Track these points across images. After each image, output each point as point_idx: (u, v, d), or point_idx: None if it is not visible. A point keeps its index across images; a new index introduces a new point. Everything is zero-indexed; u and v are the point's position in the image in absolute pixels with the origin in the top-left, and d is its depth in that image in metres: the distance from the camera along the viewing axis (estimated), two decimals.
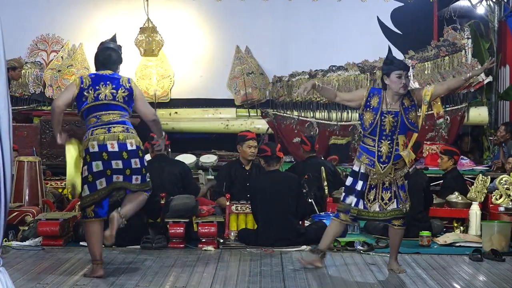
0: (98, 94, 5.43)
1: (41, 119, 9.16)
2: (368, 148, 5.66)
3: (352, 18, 10.73)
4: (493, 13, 10.61)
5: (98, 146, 5.36)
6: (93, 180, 5.39)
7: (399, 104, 5.63)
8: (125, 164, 5.39)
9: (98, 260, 5.42)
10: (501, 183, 7.66)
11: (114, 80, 5.49)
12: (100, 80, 5.48)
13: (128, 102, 5.50)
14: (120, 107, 5.47)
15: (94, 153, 5.37)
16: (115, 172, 5.39)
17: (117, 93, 5.45)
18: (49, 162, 8.91)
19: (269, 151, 6.99)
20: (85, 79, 5.51)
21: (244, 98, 10.59)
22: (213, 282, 5.32)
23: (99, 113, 5.45)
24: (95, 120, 5.45)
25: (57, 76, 10.51)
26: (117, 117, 5.45)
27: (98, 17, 10.73)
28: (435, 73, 10.19)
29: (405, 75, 5.62)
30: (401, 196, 5.68)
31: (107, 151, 5.35)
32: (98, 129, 5.41)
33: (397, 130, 5.61)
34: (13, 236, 6.78)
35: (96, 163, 5.37)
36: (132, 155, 5.40)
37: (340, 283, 5.39)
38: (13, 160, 3.08)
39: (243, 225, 7.12)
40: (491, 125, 10.43)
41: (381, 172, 5.60)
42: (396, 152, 5.61)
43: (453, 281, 5.47)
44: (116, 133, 5.38)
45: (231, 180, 7.72)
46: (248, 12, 10.75)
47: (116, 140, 5.36)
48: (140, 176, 5.46)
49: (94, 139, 5.37)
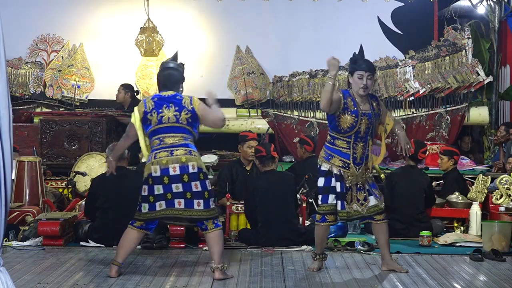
0: (161, 117, 5.44)
1: (42, 119, 9.16)
2: (341, 151, 5.57)
3: (352, 18, 10.73)
4: (493, 13, 10.61)
5: (160, 171, 5.37)
6: (154, 202, 5.43)
7: (369, 106, 5.62)
8: (185, 187, 5.37)
9: (117, 261, 5.48)
10: (502, 183, 7.66)
11: (177, 102, 5.47)
12: (163, 102, 5.48)
13: (192, 123, 5.48)
14: (183, 129, 5.46)
15: (157, 177, 5.38)
16: (176, 196, 5.38)
17: (180, 116, 5.44)
18: (50, 162, 8.91)
19: (264, 151, 7.01)
20: (148, 102, 5.52)
21: (245, 98, 10.59)
22: (214, 282, 5.32)
23: (162, 135, 5.45)
24: (158, 142, 5.46)
25: (58, 76, 10.52)
26: (180, 139, 5.44)
27: (99, 17, 10.73)
28: (435, 73, 10.18)
29: (367, 77, 5.54)
30: (375, 194, 5.70)
31: (168, 175, 5.36)
32: (161, 152, 5.41)
33: (370, 132, 5.61)
34: (13, 236, 6.78)
35: (157, 187, 5.39)
36: (193, 178, 5.37)
37: (341, 283, 5.38)
38: (13, 160, 3.08)
39: (244, 225, 7.13)
40: (491, 125, 10.43)
41: (356, 173, 5.59)
42: (367, 153, 5.63)
43: (454, 281, 5.47)
44: (179, 156, 5.37)
45: (232, 180, 7.73)
46: (248, 12, 10.75)
47: (178, 163, 5.36)
48: (202, 201, 5.39)
49: (158, 163, 5.38)
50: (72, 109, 10.33)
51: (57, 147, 8.96)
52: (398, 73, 10.25)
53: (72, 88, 10.48)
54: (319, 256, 5.79)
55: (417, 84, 10.15)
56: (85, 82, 10.58)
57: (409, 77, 10.22)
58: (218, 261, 5.40)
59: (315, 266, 5.77)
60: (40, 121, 9.11)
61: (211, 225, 5.44)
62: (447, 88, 10.12)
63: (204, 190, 5.40)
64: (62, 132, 8.94)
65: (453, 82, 10.09)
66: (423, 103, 10.27)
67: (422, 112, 10.27)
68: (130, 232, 5.53)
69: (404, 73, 10.25)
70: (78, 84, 10.51)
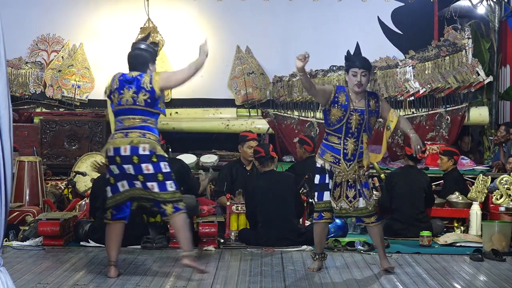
0: (121, 99, 5.44)
1: (42, 119, 9.16)
2: (332, 146, 5.62)
3: (352, 18, 10.72)
4: (493, 13, 10.61)
5: (113, 150, 5.38)
6: (115, 182, 5.43)
7: (364, 103, 5.62)
8: (136, 170, 5.34)
9: (111, 261, 5.47)
10: (502, 183, 7.66)
11: (137, 83, 5.43)
12: (125, 83, 5.46)
13: (151, 103, 5.42)
14: (141, 111, 5.42)
15: (111, 157, 5.40)
16: (132, 177, 5.38)
17: (137, 97, 5.40)
18: (50, 162, 8.92)
19: (263, 152, 7.01)
20: (115, 80, 5.49)
21: (245, 98, 10.59)
22: (214, 282, 5.32)
23: (121, 117, 5.46)
24: (118, 124, 5.48)
25: (58, 76, 10.51)
26: (138, 122, 5.42)
27: (99, 17, 10.73)
28: (435, 73, 10.18)
29: (362, 74, 5.57)
30: (365, 194, 5.68)
31: (120, 155, 5.36)
32: (118, 133, 5.43)
33: (362, 128, 5.61)
34: (13, 236, 6.78)
35: (112, 167, 5.41)
36: (143, 160, 5.32)
37: (341, 283, 5.39)
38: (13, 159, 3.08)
39: (244, 225, 7.12)
40: (491, 125, 10.43)
41: (346, 169, 5.60)
42: (361, 150, 5.62)
43: (454, 281, 5.47)
44: (131, 138, 5.36)
45: (232, 180, 7.73)
46: (248, 12, 10.74)
47: (129, 144, 5.34)
48: (156, 183, 5.35)
49: (112, 143, 5.40)
50: (72, 109, 10.32)
51: (57, 147, 8.96)
52: (398, 73, 10.25)
53: (72, 88, 10.48)
54: (318, 256, 5.79)
55: (417, 84, 10.14)
56: (85, 82, 10.57)
57: (409, 77, 10.22)
58: (186, 248, 5.40)
59: (315, 266, 5.77)
60: (40, 121, 9.12)
61: (170, 209, 5.36)
62: (447, 88, 10.12)
63: (157, 172, 5.34)
64: (62, 132, 8.94)
65: (453, 82, 10.09)
66: (423, 103, 10.27)
67: (422, 112, 10.27)
68: (109, 228, 5.52)
69: (404, 73, 10.25)
70: (78, 84, 10.50)
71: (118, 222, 5.50)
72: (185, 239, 5.41)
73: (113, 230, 5.50)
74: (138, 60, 5.56)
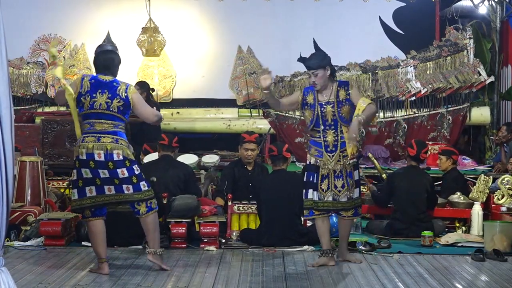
0: (93, 102, 5.46)
1: (43, 119, 9.16)
2: (315, 141, 5.85)
3: (354, 18, 10.72)
4: (495, 13, 10.60)
5: (86, 155, 5.43)
6: (83, 186, 5.49)
7: (333, 94, 5.80)
8: (111, 174, 5.44)
9: (102, 258, 5.52)
10: (503, 183, 7.66)
11: (112, 89, 5.48)
12: (99, 87, 5.48)
13: (123, 111, 5.51)
14: (113, 117, 5.49)
15: (83, 160, 5.45)
16: (105, 181, 5.45)
17: (111, 103, 5.45)
18: (51, 162, 8.90)
19: (276, 151, 7.02)
20: (85, 83, 5.50)
21: (246, 98, 10.59)
22: (215, 282, 5.32)
23: (92, 120, 5.49)
24: (88, 127, 5.51)
25: None
26: (109, 127, 5.48)
27: (100, 17, 10.74)
28: (437, 73, 10.18)
29: (313, 74, 5.80)
30: (348, 183, 5.83)
31: (94, 160, 5.42)
32: (89, 136, 5.46)
33: (338, 118, 5.77)
34: (15, 236, 6.78)
35: (84, 170, 5.47)
36: (119, 165, 5.43)
37: (342, 283, 5.39)
38: (15, 159, 3.08)
39: (245, 225, 7.12)
40: (493, 125, 10.43)
41: (330, 160, 5.76)
42: (342, 140, 5.76)
43: (455, 281, 5.47)
44: (105, 144, 5.42)
45: (234, 180, 7.72)
46: (250, 12, 10.75)
47: (103, 150, 5.41)
48: (131, 186, 5.49)
49: (84, 147, 5.44)
50: None
51: (58, 147, 8.95)
52: (399, 73, 10.25)
53: None
54: (326, 253, 5.91)
55: (418, 84, 10.14)
56: None
57: (410, 77, 10.22)
58: (153, 246, 5.60)
59: (321, 262, 5.90)
60: (42, 121, 9.11)
61: (144, 209, 5.54)
62: (448, 88, 10.12)
63: (131, 176, 5.48)
64: (64, 132, 8.93)
65: (454, 82, 10.09)
66: (424, 103, 10.27)
67: (424, 112, 10.27)
68: (91, 226, 5.58)
69: (405, 73, 10.25)
70: None
71: (98, 218, 5.57)
72: (154, 240, 5.62)
73: (96, 228, 5.56)
74: (110, 63, 5.60)
